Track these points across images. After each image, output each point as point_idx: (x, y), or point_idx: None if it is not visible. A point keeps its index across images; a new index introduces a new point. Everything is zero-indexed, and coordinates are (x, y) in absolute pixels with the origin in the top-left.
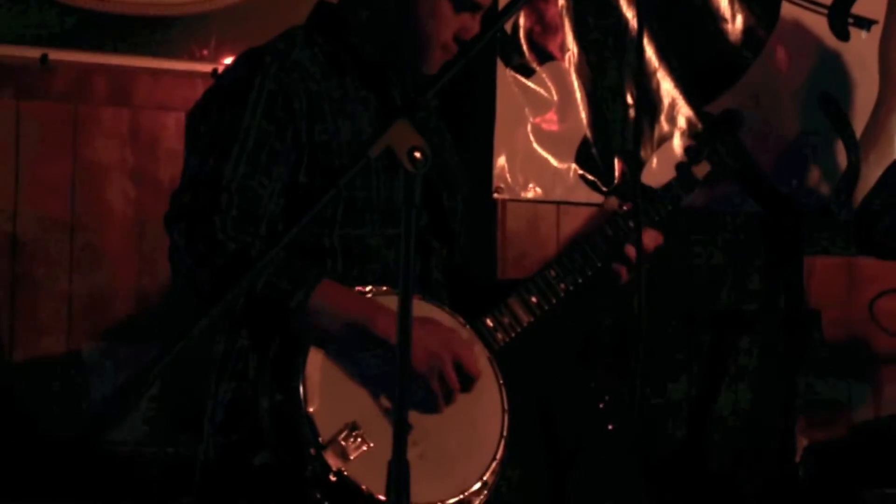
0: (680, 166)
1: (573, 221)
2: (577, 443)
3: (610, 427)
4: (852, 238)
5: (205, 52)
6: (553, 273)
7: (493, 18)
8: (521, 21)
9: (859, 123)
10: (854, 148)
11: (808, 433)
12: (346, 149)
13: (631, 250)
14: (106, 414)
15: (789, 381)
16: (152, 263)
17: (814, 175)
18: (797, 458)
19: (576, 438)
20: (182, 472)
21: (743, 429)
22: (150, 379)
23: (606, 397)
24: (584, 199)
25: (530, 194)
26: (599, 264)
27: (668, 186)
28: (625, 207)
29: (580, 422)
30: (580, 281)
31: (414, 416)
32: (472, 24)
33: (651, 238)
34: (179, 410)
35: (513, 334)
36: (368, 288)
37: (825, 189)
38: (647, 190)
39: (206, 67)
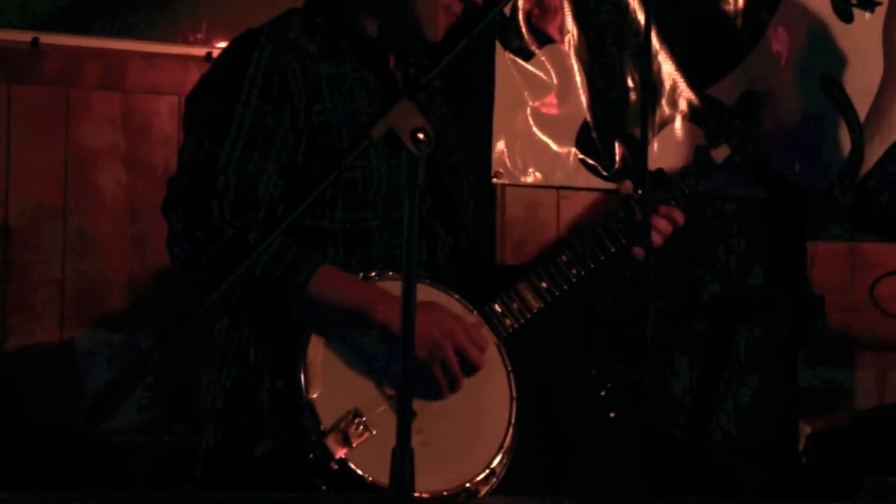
0: (698, 149)
1: (573, 207)
2: (577, 431)
3: (612, 415)
4: (853, 216)
5: (198, 35)
6: (565, 258)
7: None
8: (521, 3)
9: (863, 106)
10: (858, 131)
11: (811, 421)
12: (345, 130)
13: (655, 236)
14: (102, 403)
15: (792, 369)
16: (146, 250)
17: (817, 159)
18: (800, 447)
19: (576, 426)
20: (179, 460)
21: (745, 417)
22: (148, 367)
23: (608, 384)
24: (584, 184)
25: (530, 179)
26: (613, 249)
27: (685, 170)
28: (640, 192)
29: (581, 409)
30: (592, 266)
31: (418, 404)
32: None
33: (671, 219)
34: (174, 399)
35: (522, 320)
36: (374, 273)
37: (828, 173)
38: (662, 174)
39: (200, 51)
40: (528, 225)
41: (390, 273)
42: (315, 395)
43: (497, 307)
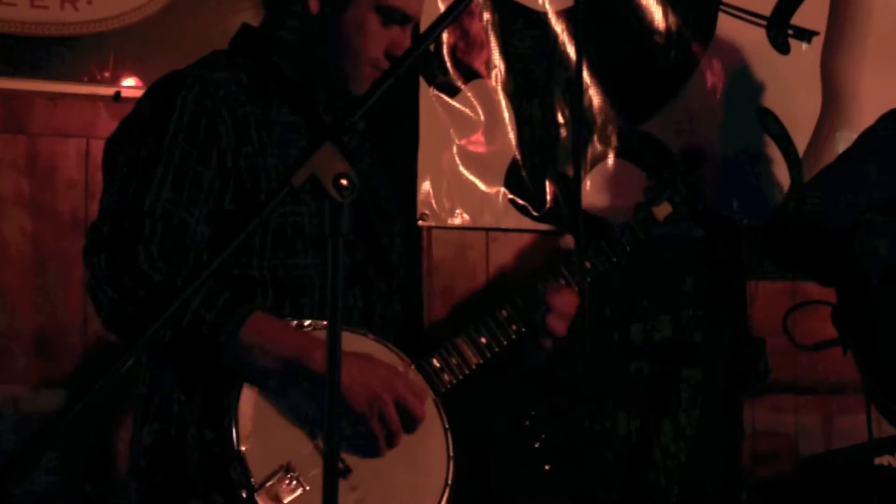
0: (639, 207)
1: (503, 249)
2: (510, 484)
3: (546, 467)
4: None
5: (105, 73)
6: (505, 314)
7: (419, 36)
8: (445, 37)
9: (802, 139)
10: (797, 166)
11: (755, 468)
12: (273, 175)
13: (553, 321)
14: (11, 473)
15: (735, 414)
16: (54, 302)
17: (755, 195)
18: (743, 495)
19: (509, 480)
20: None
21: (686, 463)
22: (64, 429)
23: (542, 436)
24: (514, 226)
25: (457, 221)
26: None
27: (625, 227)
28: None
29: (515, 462)
30: (533, 322)
31: (353, 460)
32: (402, 38)
33: (572, 302)
34: (87, 458)
35: (461, 376)
36: (308, 322)
37: (768, 209)
38: (605, 230)
39: (108, 90)
40: (456, 268)
41: (324, 322)
42: (246, 448)
43: (435, 362)
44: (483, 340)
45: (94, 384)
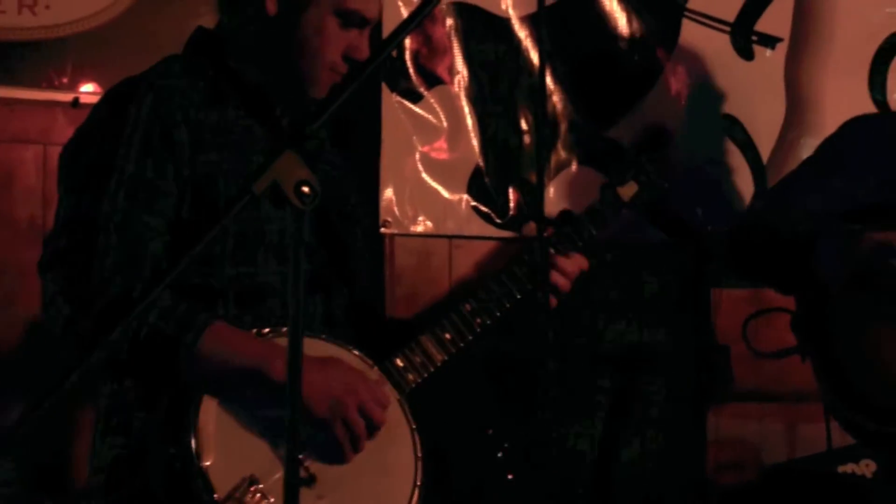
0: (604, 188)
1: (466, 256)
2: (472, 494)
3: (510, 476)
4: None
5: (63, 79)
6: (469, 307)
7: (382, 40)
8: (408, 43)
9: (766, 146)
10: (761, 173)
11: (720, 476)
12: (231, 181)
13: (557, 277)
14: None
15: (699, 422)
16: (12, 309)
17: (719, 202)
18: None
19: (472, 489)
20: None
21: (651, 473)
22: (17, 437)
23: (505, 445)
24: (477, 233)
25: (420, 228)
26: (519, 295)
27: (591, 209)
28: (545, 234)
29: (477, 471)
30: (498, 314)
31: (318, 467)
32: (360, 41)
33: (576, 263)
34: (42, 471)
35: (425, 374)
36: (267, 330)
37: (732, 216)
38: (569, 215)
39: (66, 96)
40: (418, 276)
41: (284, 329)
42: (208, 463)
43: (399, 361)
44: (447, 336)
45: (46, 398)
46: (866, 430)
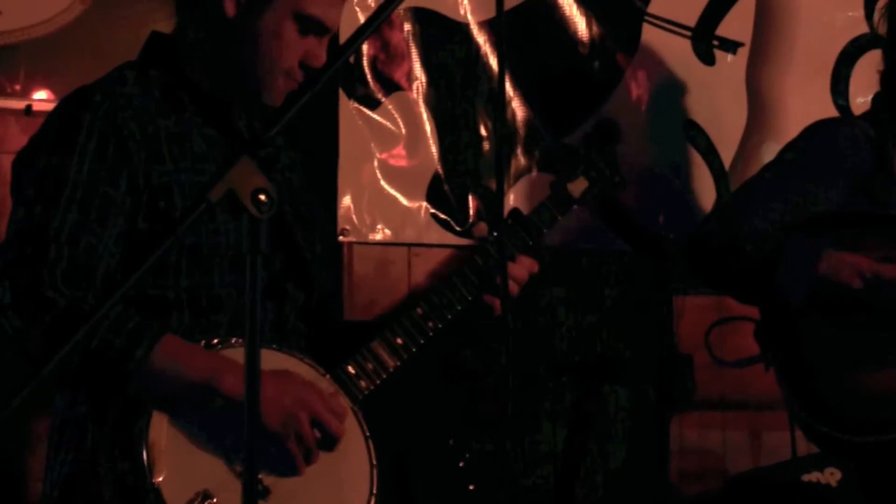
0: (554, 184)
1: (426, 264)
2: (433, 501)
3: (471, 487)
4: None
5: (16, 86)
6: (420, 311)
7: (339, 47)
8: (365, 48)
9: (728, 151)
10: (723, 178)
11: (682, 485)
12: (188, 191)
13: (511, 284)
14: None
15: (662, 432)
16: None
17: (681, 208)
18: None
19: (434, 499)
20: None
21: (614, 484)
22: None
23: (466, 455)
24: (436, 241)
25: (378, 236)
26: (470, 298)
27: (540, 207)
28: (495, 234)
29: (438, 481)
30: (450, 317)
31: (271, 480)
32: (318, 48)
33: (526, 266)
34: None
35: (378, 381)
36: (216, 341)
37: (693, 223)
38: (517, 214)
39: (19, 104)
40: (377, 285)
41: (233, 340)
42: (161, 479)
43: (351, 369)
44: (399, 341)
45: None
46: (832, 439)
